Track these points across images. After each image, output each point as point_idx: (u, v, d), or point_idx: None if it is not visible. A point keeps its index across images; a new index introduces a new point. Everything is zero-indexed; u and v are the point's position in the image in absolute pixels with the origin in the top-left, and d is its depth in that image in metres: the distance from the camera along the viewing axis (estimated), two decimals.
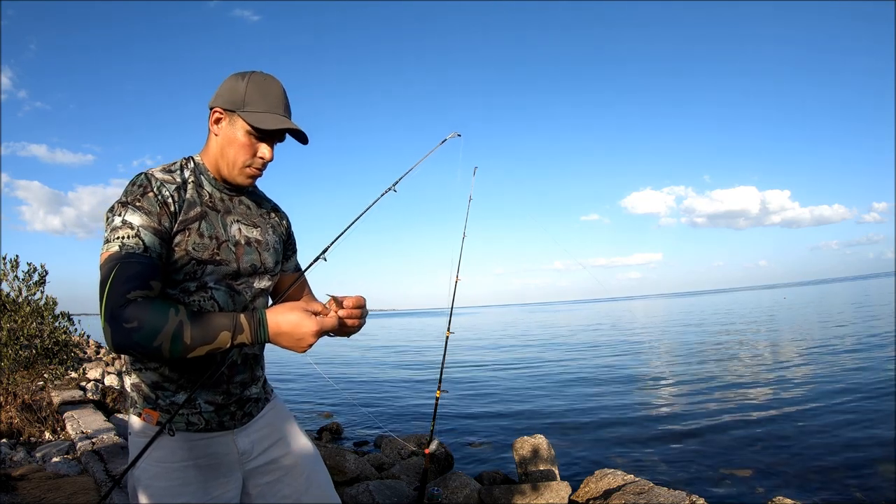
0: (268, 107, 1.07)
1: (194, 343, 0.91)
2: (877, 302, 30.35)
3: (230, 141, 1.09)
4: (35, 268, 5.17)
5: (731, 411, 6.81)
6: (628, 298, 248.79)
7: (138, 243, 0.97)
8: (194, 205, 1.08)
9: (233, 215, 1.15)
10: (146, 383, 1.10)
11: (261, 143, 1.10)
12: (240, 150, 1.09)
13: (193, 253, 1.04)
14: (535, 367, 12.47)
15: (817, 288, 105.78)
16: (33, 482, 3.15)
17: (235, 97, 1.07)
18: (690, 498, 3.17)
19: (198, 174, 1.12)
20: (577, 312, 62.29)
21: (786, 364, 10.44)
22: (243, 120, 1.07)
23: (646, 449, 5.50)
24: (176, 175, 1.08)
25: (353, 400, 9.34)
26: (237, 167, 1.11)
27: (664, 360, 12.74)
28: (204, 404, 1.11)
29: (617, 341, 18.71)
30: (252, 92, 1.07)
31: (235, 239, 1.13)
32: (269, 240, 1.21)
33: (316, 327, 0.94)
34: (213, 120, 1.10)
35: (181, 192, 1.06)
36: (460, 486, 3.65)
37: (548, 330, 29.22)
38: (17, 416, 4.65)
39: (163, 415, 1.09)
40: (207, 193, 1.12)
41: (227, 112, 1.09)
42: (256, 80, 1.09)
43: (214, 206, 1.12)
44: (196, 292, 1.07)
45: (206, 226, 1.08)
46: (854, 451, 4.91)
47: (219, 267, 1.09)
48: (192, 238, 1.05)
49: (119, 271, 0.92)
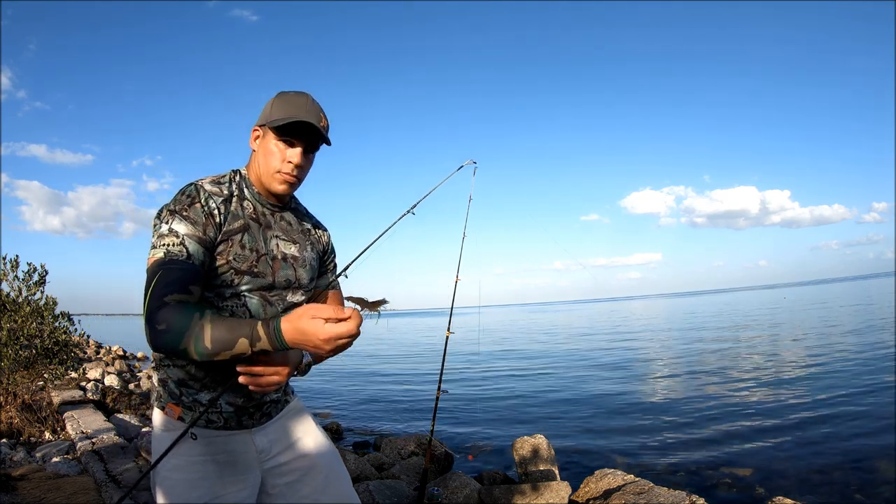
0: (287, 114, 1.14)
1: (215, 348, 0.94)
2: (877, 302, 30.36)
3: (264, 152, 1.17)
4: (35, 268, 5.18)
5: (731, 411, 6.81)
6: (628, 298, 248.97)
7: (182, 251, 1.03)
8: (238, 217, 1.15)
9: (273, 230, 1.22)
10: (172, 380, 1.16)
11: (289, 148, 1.17)
12: (271, 157, 1.16)
13: (233, 263, 1.11)
14: (536, 367, 12.47)
15: (817, 288, 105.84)
16: (33, 482, 3.15)
17: (265, 113, 1.18)
18: (690, 498, 3.17)
19: (243, 187, 1.20)
20: (576, 312, 62.33)
21: (786, 364, 10.44)
22: (270, 130, 1.16)
23: (646, 449, 5.50)
24: (224, 188, 1.15)
25: (353, 400, 9.35)
26: (270, 174, 1.17)
27: (664, 360, 12.73)
28: (225, 405, 1.16)
29: (617, 341, 18.71)
30: (277, 105, 1.16)
31: (273, 253, 1.20)
32: (307, 256, 1.28)
33: (324, 335, 0.90)
34: (253, 138, 1.21)
35: (227, 204, 1.13)
36: (460, 486, 3.65)
37: (547, 330, 29.23)
38: (17, 416, 4.65)
39: (185, 411, 1.15)
40: (251, 206, 1.19)
41: (260, 128, 1.19)
42: (283, 95, 1.18)
43: (257, 220, 1.19)
44: (230, 298, 1.13)
45: (248, 238, 1.15)
46: (854, 451, 4.91)
47: (255, 279, 1.15)
48: (233, 249, 1.12)
49: (161, 277, 0.99)
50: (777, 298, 54.17)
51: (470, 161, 2.21)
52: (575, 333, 24.57)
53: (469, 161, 2.20)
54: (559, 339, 22.02)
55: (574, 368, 11.88)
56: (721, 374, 9.87)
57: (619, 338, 20.20)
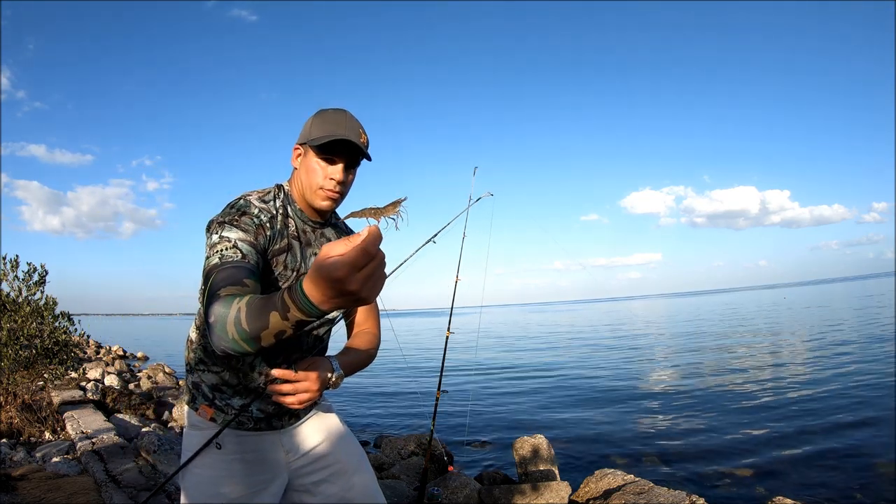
0: (327, 132, 1.16)
1: (253, 329, 0.86)
2: (877, 302, 30.36)
3: (306, 169, 1.20)
4: (35, 268, 5.17)
5: (732, 411, 6.81)
6: (628, 298, 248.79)
7: (236, 253, 1.04)
8: (283, 237, 1.18)
9: (313, 247, 1.25)
10: (206, 384, 1.20)
11: (330, 165, 1.19)
12: (314, 175, 1.19)
13: (275, 282, 1.16)
14: (536, 367, 12.47)
15: (817, 288, 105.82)
16: (33, 482, 3.15)
17: (305, 132, 1.20)
18: (690, 498, 3.17)
19: (286, 205, 1.22)
20: (576, 312, 62.32)
21: (786, 364, 10.45)
22: (311, 148, 1.18)
23: (646, 449, 5.50)
24: (271, 206, 1.18)
25: (353, 399, 9.35)
26: (313, 190, 1.20)
27: (664, 360, 12.74)
28: (256, 411, 1.21)
29: (617, 341, 18.71)
30: (316, 123, 1.18)
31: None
32: None
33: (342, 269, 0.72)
34: (294, 156, 1.23)
35: (274, 221, 1.17)
36: (460, 486, 3.65)
37: (548, 330, 29.23)
38: (17, 416, 4.65)
39: (217, 412, 1.19)
40: (293, 224, 1.22)
41: (302, 146, 1.21)
42: (322, 113, 1.20)
43: (298, 238, 1.22)
44: None
45: (290, 258, 1.19)
46: (854, 451, 4.91)
47: None
48: (277, 269, 1.16)
49: (215, 277, 0.99)
50: (777, 298, 54.15)
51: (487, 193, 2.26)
52: (575, 334, 24.56)
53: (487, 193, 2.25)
54: (559, 339, 22.01)
55: (574, 368, 11.88)
56: (721, 374, 9.88)
57: (620, 338, 20.20)
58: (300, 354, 1.25)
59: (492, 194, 2.26)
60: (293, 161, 1.24)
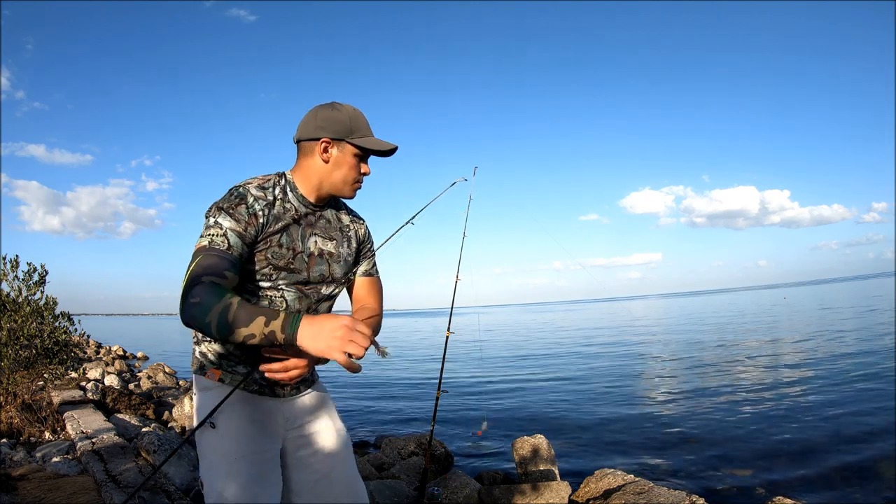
0: (367, 132, 1.31)
1: (236, 323, 1.02)
2: (877, 302, 30.35)
3: (340, 164, 1.30)
4: (35, 268, 5.17)
5: (732, 411, 6.81)
6: (628, 298, 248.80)
7: (224, 241, 1.16)
8: (280, 219, 1.27)
9: (313, 228, 1.35)
10: (212, 353, 1.31)
11: (363, 163, 1.33)
12: (350, 170, 1.31)
13: (271, 260, 1.25)
14: (536, 367, 12.47)
15: (817, 288, 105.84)
16: (33, 482, 3.15)
17: (341, 128, 1.28)
18: (690, 498, 3.17)
19: (287, 190, 1.31)
20: (576, 312, 62.31)
21: (786, 364, 10.45)
22: (352, 145, 1.29)
23: (646, 449, 5.50)
24: (268, 192, 1.27)
25: (353, 399, 9.35)
26: (348, 184, 1.33)
27: (664, 359, 12.74)
28: (259, 376, 1.30)
29: (616, 341, 18.71)
30: (354, 121, 1.29)
31: (310, 251, 1.33)
32: (342, 252, 1.41)
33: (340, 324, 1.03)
34: (322, 149, 1.29)
35: (270, 207, 1.26)
36: (460, 486, 3.65)
37: (547, 330, 29.23)
38: (17, 416, 4.65)
39: (224, 374, 1.29)
40: (293, 208, 1.31)
41: (335, 141, 1.29)
42: (351, 112, 1.30)
43: (298, 221, 1.31)
44: (269, 290, 1.28)
45: (286, 238, 1.28)
46: (854, 451, 4.91)
47: (291, 274, 1.29)
48: (272, 248, 1.25)
49: (201, 260, 1.12)
50: (777, 298, 54.16)
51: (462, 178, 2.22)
52: (575, 334, 24.56)
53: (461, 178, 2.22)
54: (558, 339, 22.02)
55: (574, 368, 11.88)
56: (721, 374, 9.88)
57: (619, 338, 20.20)
58: None
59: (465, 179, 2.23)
60: (320, 154, 1.29)
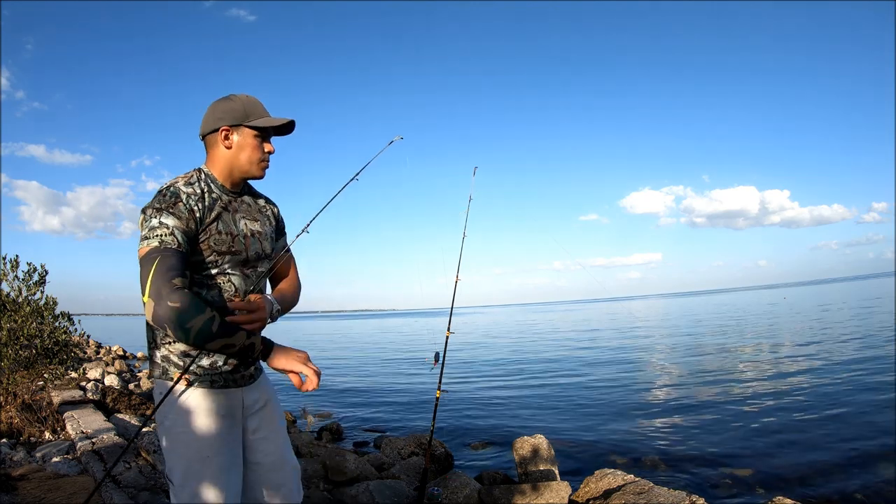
0: (261, 113, 1.44)
1: (219, 333, 1.20)
2: (877, 302, 30.35)
3: (242, 146, 1.42)
4: (35, 268, 5.17)
5: (732, 411, 6.81)
6: (628, 298, 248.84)
7: (173, 239, 1.25)
8: (212, 209, 1.37)
9: (239, 213, 1.46)
10: (175, 354, 1.37)
11: (265, 143, 1.45)
12: (253, 150, 1.43)
13: (215, 247, 1.36)
14: (535, 367, 12.47)
15: (817, 288, 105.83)
16: (33, 482, 3.15)
17: (237, 114, 1.41)
18: (690, 498, 3.17)
19: (209, 182, 1.41)
20: (576, 312, 62.30)
21: (786, 364, 10.44)
22: (249, 128, 1.42)
23: (646, 449, 5.50)
24: (196, 187, 1.37)
25: (354, 400, 9.35)
26: (254, 164, 1.44)
27: (664, 359, 12.74)
28: (222, 364, 1.39)
29: (616, 341, 18.71)
30: (248, 106, 1.43)
31: (244, 232, 1.44)
32: (266, 230, 1.53)
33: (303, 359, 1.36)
34: (223, 137, 1.41)
35: (202, 200, 1.35)
36: (460, 486, 3.65)
37: (547, 330, 29.23)
38: (17, 416, 4.65)
39: (191, 375, 1.35)
40: (219, 197, 1.41)
41: (233, 127, 1.41)
42: (245, 99, 1.44)
43: (226, 207, 1.42)
44: (217, 276, 1.38)
45: (222, 225, 1.38)
46: (854, 451, 4.91)
47: (234, 256, 1.41)
48: (213, 236, 1.36)
49: (161, 261, 1.20)
50: (777, 298, 54.16)
51: (398, 137, 2.19)
52: (575, 334, 24.56)
53: (398, 137, 2.19)
54: (558, 339, 22.01)
55: (574, 368, 11.88)
56: (721, 374, 9.88)
57: (619, 338, 20.20)
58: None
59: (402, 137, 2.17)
60: (222, 142, 1.41)
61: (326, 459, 4.20)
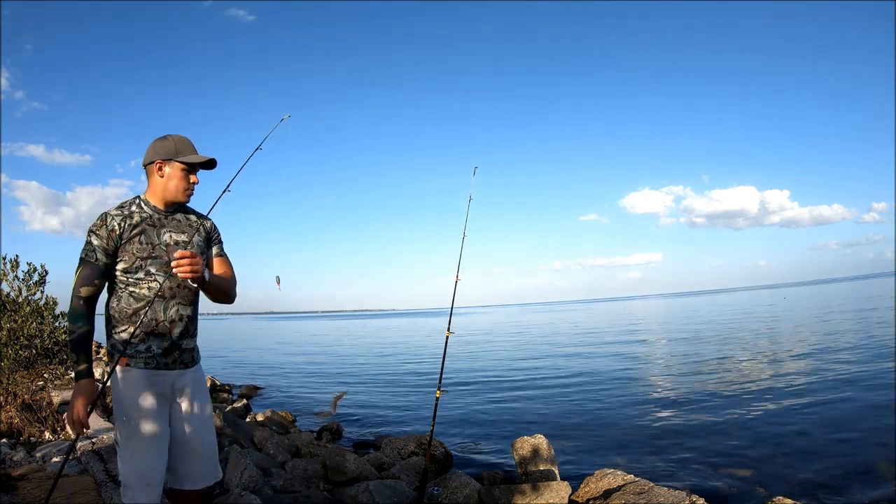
0: (190, 151, 1.85)
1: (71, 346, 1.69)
2: (877, 302, 30.34)
3: (172, 177, 1.83)
4: (35, 268, 5.17)
5: (731, 411, 6.81)
6: (628, 298, 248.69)
7: (93, 255, 1.72)
8: (136, 226, 1.78)
9: (166, 228, 1.84)
10: (119, 341, 1.75)
11: (191, 174, 1.86)
12: (180, 181, 1.84)
13: (137, 253, 1.76)
14: (535, 367, 12.47)
15: (817, 288, 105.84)
16: (33, 482, 3.15)
17: (169, 151, 1.82)
18: (690, 498, 3.17)
19: (141, 205, 1.83)
20: (576, 312, 62.31)
21: (786, 364, 10.44)
22: (179, 162, 1.82)
23: (646, 449, 5.50)
24: (125, 209, 1.80)
25: (354, 400, 9.35)
26: (181, 192, 1.85)
27: (664, 359, 12.74)
28: (155, 348, 1.76)
29: (616, 341, 18.70)
30: (178, 145, 1.84)
31: (166, 241, 1.82)
32: (195, 240, 1.90)
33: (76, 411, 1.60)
34: (157, 169, 1.82)
35: (127, 220, 1.77)
36: (460, 486, 3.65)
37: (547, 330, 29.22)
38: (17, 416, 4.64)
39: (130, 359, 1.73)
40: (147, 216, 1.82)
41: (165, 161, 1.82)
42: (177, 139, 1.85)
43: (152, 224, 1.81)
44: (144, 279, 1.77)
45: (144, 237, 1.78)
46: (854, 451, 4.91)
47: (156, 260, 1.78)
48: (135, 245, 1.76)
49: (82, 270, 1.72)
50: (777, 298, 54.15)
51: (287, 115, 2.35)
52: (575, 334, 24.56)
53: (287, 115, 2.35)
54: (558, 339, 22.01)
55: (574, 368, 11.87)
56: (720, 374, 9.87)
57: (619, 338, 20.18)
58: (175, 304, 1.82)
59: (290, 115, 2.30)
60: (156, 173, 1.82)
61: (326, 459, 4.20)
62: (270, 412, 7.21)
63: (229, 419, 5.42)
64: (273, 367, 15.30)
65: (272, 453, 4.74)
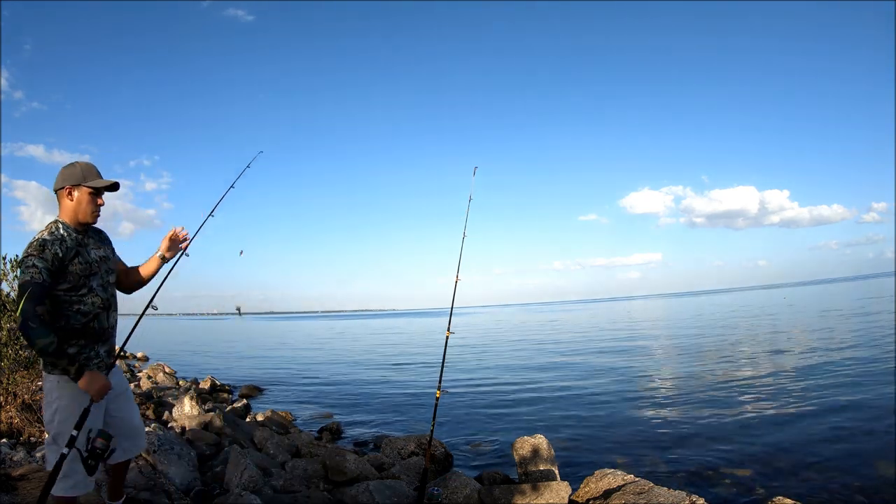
0: (95, 176, 2.11)
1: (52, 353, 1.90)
2: (876, 302, 30.34)
3: (80, 201, 2.08)
4: None
5: (732, 411, 6.81)
6: (628, 298, 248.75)
7: (40, 276, 1.91)
8: (71, 248, 2.02)
9: (90, 246, 2.14)
10: (71, 355, 1.99)
11: (98, 197, 2.12)
12: (88, 204, 2.10)
13: (80, 273, 2.04)
14: (535, 367, 12.46)
15: (817, 288, 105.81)
16: (33, 482, 3.15)
17: (76, 177, 2.07)
18: (690, 498, 3.17)
19: (66, 229, 2.06)
20: (576, 312, 62.30)
21: (785, 364, 10.44)
22: (87, 187, 2.08)
23: (646, 449, 5.50)
24: (56, 234, 2.01)
25: (354, 400, 9.35)
26: (89, 214, 2.11)
27: (663, 359, 12.73)
28: (104, 353, 2.16)
29: (616, 341, 18.70)
30: (85, 171, 2.10)
31: (96, 258, 2.14)
32: (108, 252, 2.24)
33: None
34: (67, 194, 2.07)
35: (63, 243, 2.00)
36: (460, 486, 3.65)
37: (547, 330, 29.22)
38: (17, 416, 4.64)
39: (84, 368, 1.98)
40: (74, 237, 2.06)
41: (74, 186, 2.07)
42: (83, 165, 2.11)
43: (80, 244, 2.08)
44: (87, 294, 2.07)
45: (80, 258, 2.05)
46: (854, 452, 4.91)
47: (94, 276, 2.11)
48: (76, 266, 2.03)
49: (31, 292, 1.87)
50: (777, 298, 54.15)
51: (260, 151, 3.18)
52: (575, 333, 24.56)
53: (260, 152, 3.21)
54: (559, 339, 22.01)
55: (574, 368, 11.87)
56: (720, 374, 9.87)
57: (619, 338, 20.19)
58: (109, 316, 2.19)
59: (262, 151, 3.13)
60: (66, 198, 2.06)
61: (326, 459, 4.19)
62: (270, 412, 7.21)
63: (229, 419, 5.41)
64: (273, 367, 15.29)
65: (272, 453, 4.74)
